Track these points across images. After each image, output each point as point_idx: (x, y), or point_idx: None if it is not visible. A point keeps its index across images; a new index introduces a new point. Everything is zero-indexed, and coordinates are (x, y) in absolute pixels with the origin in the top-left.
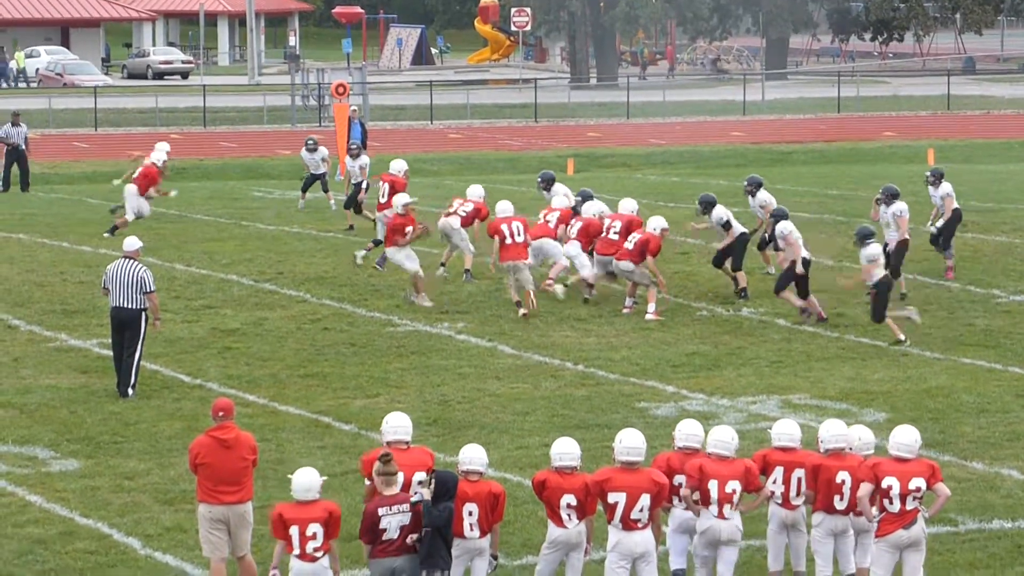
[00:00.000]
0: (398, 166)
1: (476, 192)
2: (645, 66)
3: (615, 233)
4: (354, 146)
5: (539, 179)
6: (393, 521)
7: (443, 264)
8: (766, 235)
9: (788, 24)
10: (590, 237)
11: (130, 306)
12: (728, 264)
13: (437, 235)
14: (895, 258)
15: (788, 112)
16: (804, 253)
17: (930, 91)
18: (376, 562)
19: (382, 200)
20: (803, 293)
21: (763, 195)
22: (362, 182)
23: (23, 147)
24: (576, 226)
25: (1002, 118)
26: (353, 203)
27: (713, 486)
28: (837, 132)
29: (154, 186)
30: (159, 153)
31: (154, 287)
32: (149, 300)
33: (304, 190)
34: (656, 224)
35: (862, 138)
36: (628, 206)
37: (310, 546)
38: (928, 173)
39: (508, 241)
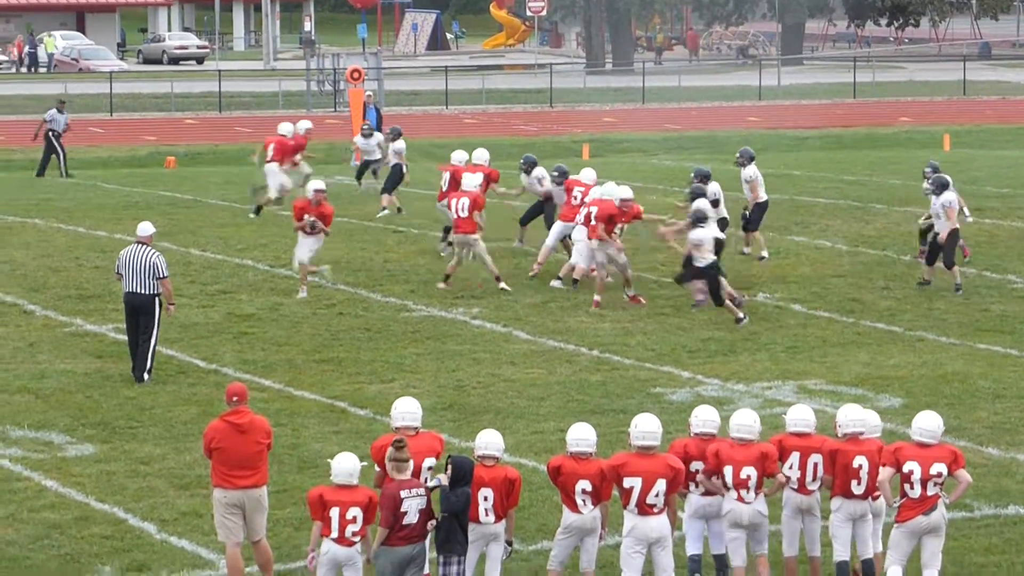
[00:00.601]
0: (459, 157)
1: (481, 156)
2: (660, 51)
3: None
4: (391, 132)
5: (521, 161)
6: (413, 504)
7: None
8: (746, 214)
9: (804, 9)
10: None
11: (143, 291)
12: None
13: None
14: (947, 249)
15: (804, 97)
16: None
17: (946, 76)
18: (391, 550)
19: (443, 188)
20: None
21: (751, 169)
22: (401, 166)
23: (60, 132)
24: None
25: (1018, 103)
26: (392, 188)
27: (728, 472)
28: (853, 117)
29: (291, 156)
30: (288, 126)
31: (167, 272)
32: (163, 285)
33: (359, 176)
34: (611, 191)
35: (878, 123)
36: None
37: (349, 530)
38: (928, 182)
39: (453, 216)
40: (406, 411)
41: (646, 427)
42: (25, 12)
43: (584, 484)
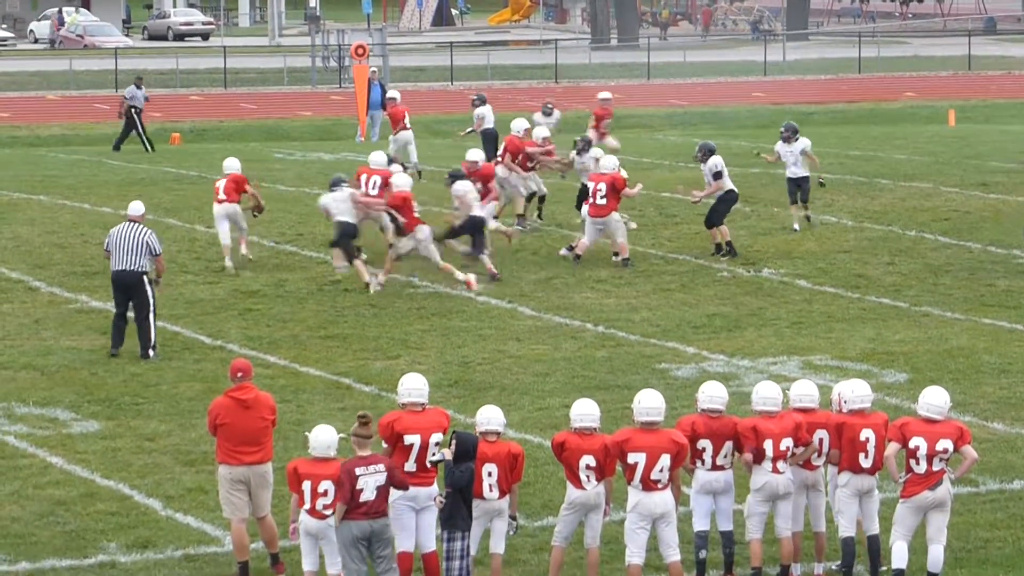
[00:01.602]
0: (518, 125)
1: (519, 125)
2: (665, 27)
3: (602, 197)
4: (476, 98)
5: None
6: (370, 481)
7: (521, 215)
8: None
9: None
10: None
11: (133, 269)
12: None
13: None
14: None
15: (809, 73)
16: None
17: (951, 51)
18: (352, 524)
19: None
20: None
21: (714, 160)
22: (493, 130)
23: (140, 108)
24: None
25: (1023, 78)
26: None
27: (768, 445)
28: (858, 93)
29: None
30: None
31: (161, 250)
32: (157, 263)
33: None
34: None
35: (883, 99)
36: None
37: (320, 503)
38: (783, 127)
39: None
40: (413, 387)
41: (649, 403)
42: None
43: (588, 460)
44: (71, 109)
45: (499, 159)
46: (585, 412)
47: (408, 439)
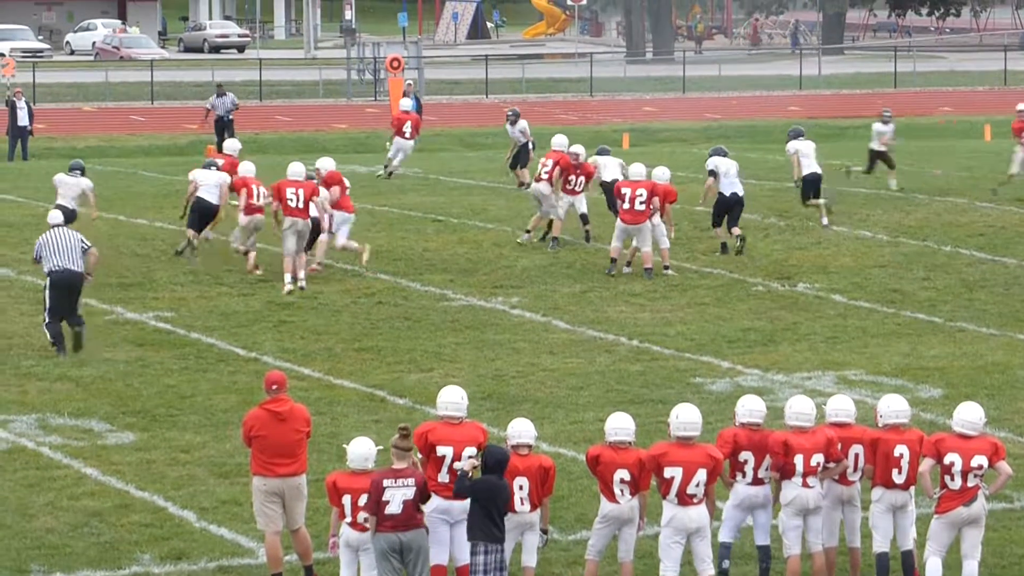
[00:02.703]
0: (559, 141)
1: (559, 142)
2: (700, 40)
3: (641, 203)
4: (511, 113)
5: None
6: (397, 495)
7: (528, 231)
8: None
9: None
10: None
11: (76, 268)
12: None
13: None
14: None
15: (844, 87)
16: None
17: (987, 66)
18: (382, 536)
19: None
20: None
21: (711, 160)
22: (528, 144)
23: (229, 117)
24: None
25: None
26: (519, 162)
27: (799, 460)
28: (894, 107)
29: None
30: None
31: (91, 244)
32: (90, 256)
33: (514, 166)
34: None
35: (918, 113)
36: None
37: (361, 516)
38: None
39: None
40: (451, 400)
41: (687, 417)
42: (67, 1)
43: (622, 474)
44: (107, 121)
45: (545, 176)
46: (620, 426)
47: (441, 450)
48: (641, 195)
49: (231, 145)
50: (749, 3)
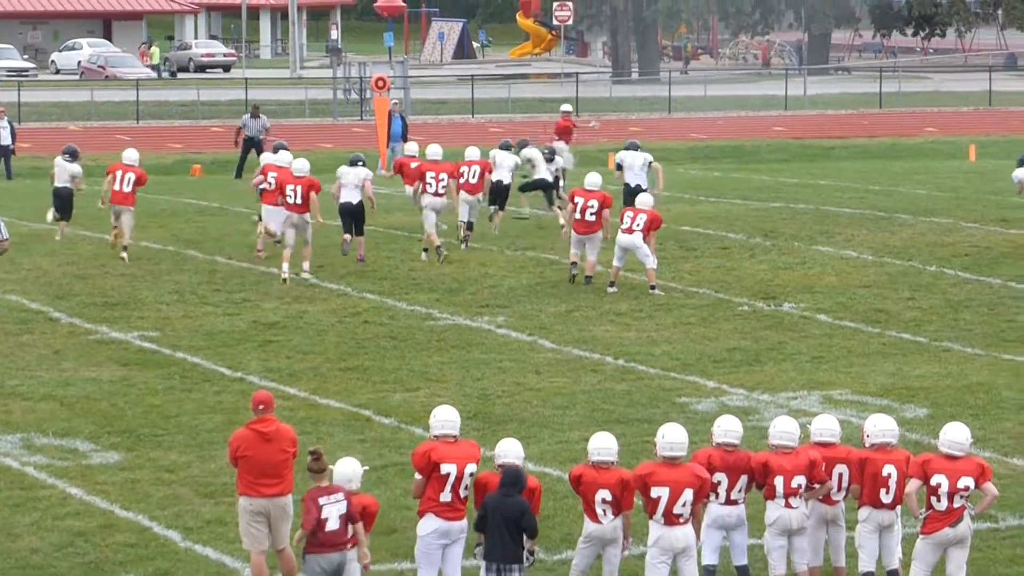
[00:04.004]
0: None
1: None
2: (688, 60)
3: (592, 214)
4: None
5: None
6: (333, 511)
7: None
8: None
9: (830, 19)
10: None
11: None
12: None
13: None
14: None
15: (830, 107)
16: None
17: (972, 87)
18: (320, 557)
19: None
20: None
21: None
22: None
23: (259, 139)
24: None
25: None
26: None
27: (779, 482)
28: (879, 128)
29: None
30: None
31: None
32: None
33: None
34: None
35: (903, 134)
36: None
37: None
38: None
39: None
40: (446, 419)
41: (673, 437)
42: (52, 19)
43: (604, 493)
44: (92, 140)
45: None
46: (603, 446)
47: (444, 468)
48: (592, 206)
49: (284, 158)
50: (735, 24)
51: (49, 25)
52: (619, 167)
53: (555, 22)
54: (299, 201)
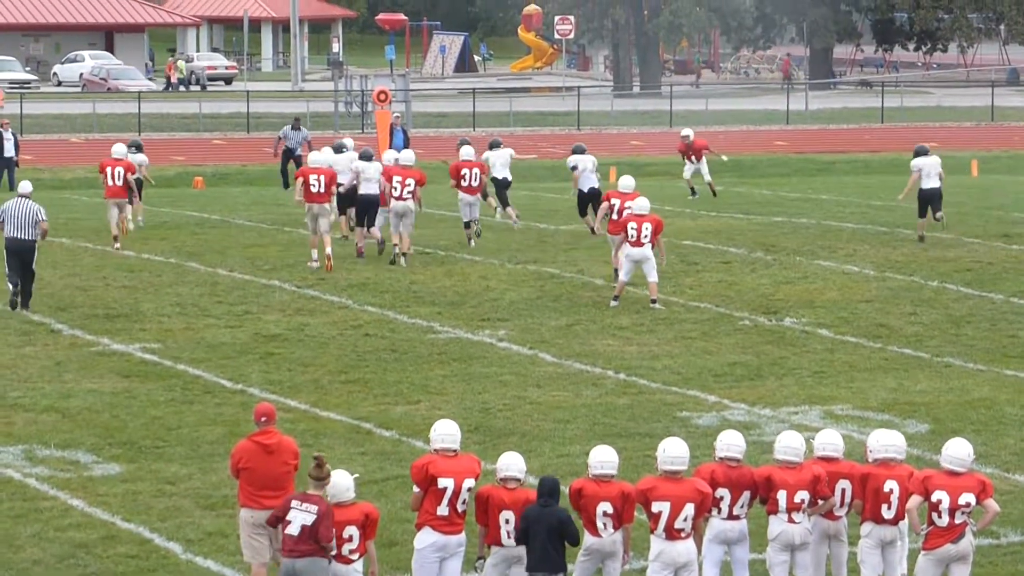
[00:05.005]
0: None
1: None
2: (699, 75)
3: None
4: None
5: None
6: (298, 518)
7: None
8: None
9: (832, 34)
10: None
11: (26, 238)
12: None
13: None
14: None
15: (831, 122)
16: None
17: (974, 102)
18: (284, 561)
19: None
20: None
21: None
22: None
23: (298, 152)
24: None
25: None
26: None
27: (782, 496)
28: (880, 142)
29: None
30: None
31: (46, 216)
32: (41, 228)
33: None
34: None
35: (905, 149)
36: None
37: (346, 548)
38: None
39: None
40: (446, 433)
41: (674, 452)
42: (54, 31)
43: (605, 507)
44: (94, 152)
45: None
46: (604, 459)
47: (442, 482)
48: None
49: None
50: (736, 38)
51: (51, 37)
52: (574, 169)
53: (556, 36)
54: (322, 190)
